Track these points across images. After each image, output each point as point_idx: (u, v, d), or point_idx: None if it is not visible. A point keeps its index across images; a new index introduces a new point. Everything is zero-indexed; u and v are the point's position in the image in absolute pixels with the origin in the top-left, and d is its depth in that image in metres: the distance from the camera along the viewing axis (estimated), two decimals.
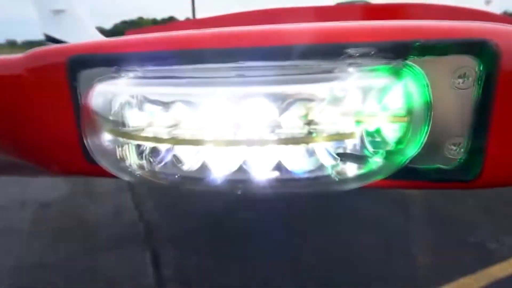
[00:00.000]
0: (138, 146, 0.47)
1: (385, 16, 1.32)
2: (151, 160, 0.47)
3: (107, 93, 0.49)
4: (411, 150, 0.44)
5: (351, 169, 0.45)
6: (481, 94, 0.43)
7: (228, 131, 0.42)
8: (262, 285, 2.60)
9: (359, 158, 0.44)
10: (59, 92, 0.55)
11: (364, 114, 0.42)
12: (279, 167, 0.44)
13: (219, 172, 0.44)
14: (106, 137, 0.50)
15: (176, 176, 0.47)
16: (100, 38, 7.52)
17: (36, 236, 3.35)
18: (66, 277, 2.73)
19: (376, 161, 0.44)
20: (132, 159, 0.49)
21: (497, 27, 0.45)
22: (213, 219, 3.64)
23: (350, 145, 0.43)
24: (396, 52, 0.43)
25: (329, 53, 0.43)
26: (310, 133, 0.41)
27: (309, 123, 0.41)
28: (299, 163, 0.44)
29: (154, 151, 0.47)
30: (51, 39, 7.53)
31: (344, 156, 0.43)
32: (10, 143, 0.64)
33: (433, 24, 0.46)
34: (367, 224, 3.43)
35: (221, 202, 3.98)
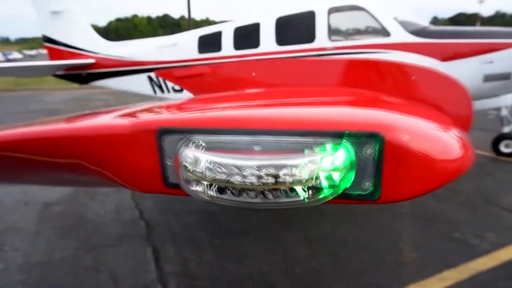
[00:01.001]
0: (209, 185, 0.83)
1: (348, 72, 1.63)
2: (215, 192, 0.84)
3: (188, 154, 0.84)
4: (345, 185, 0.81)
5: (313, 195, 0.80)
6: (377, 158, 0.77)
7: (250, 181, 0.78)
8: (259, 279, 2.77)
9: (319, 189, 0.80)
10: (151, 147, 0.90)
11: (321, 168, 0.78)
12: (275, 195, 0.81)
13: (246, 198, 0.82)
14: (185, 175, 0.85)
15: (230, 200, 0.84)
16: (99, 39, 7.62)
17: (41, 234, 3.49)
18: (72, 273, 2.87)
19: (328, 190, 0.80)
20: (203, 189, 0.85)
21: (385, 121, 0.82)
22: (210, 217, 3.81)
23: (313, 183, 0.79)
24: (335, 137, 0.79)
25: (299, 134, 0.81)
26: (293, 182, 0.78)
27: (293, 175, 0.78)
28: (286, 195, 0.80)
29: (219, 187, 0.83)
30: (49, 40, 7.62)
31: (311, 189, 0.80)
32: (114, 175, 1.01)
33: (356, 119, 0.87)
34: (357, 221, 3.62)
35: None
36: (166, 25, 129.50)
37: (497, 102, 5.35)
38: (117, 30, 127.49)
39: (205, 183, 0.83)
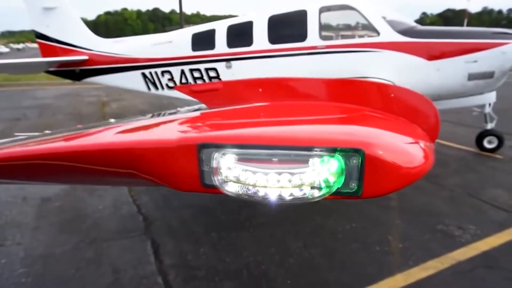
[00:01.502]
0: (240, 185, 1.15)
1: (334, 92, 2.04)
2: (246, 191, 1.16)
3: (223, 163, 1.15)
4: (338, 185, 1.12)
5: (315, 193, 1.13)
6: (360, 166, 1.07)
7: (272, 183, 1.12)
8: (254, 269, 2.92)
9: (319, 188, 1.13)
10: (192, 157, 1.17)
11: (320, 174, 1.10)
12: (289, 193, 1.15)
13: (264, 196, 1.16)
14: (222, 179, 1.16)
15: (258, 197, 1.16)
16: (92, 36, 7.63)
17: (41, 229, 3.58)
18: (74, 266, 2.98)
19: (325, 189, 1.13)
20: (235, 189, 1.17)
21: (366, 140, 1.13)
22: (206, 211, 3.94)
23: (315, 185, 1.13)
24: (330, 151, 1.09)
25: (305, 149, 1.11)
26: (301, 184, 1.12)
27: (301, 179, 1.12)
28: (296, 193, 1.14)
29: (247, 188, 1.15)
30: (41, 36, 7.61)
31: (313, 188, 1.12)
32: (159, 179, 1.28)
33: (346, 137, 1.19)
34: (348, 214, 3.79)
35: (211, 195, 4.29)
36: (156, 19, 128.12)
37: (481, 100, 5.56)
38: (106, 24, 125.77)
39: (239, 185, 1.15)
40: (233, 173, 1.14)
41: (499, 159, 5.70)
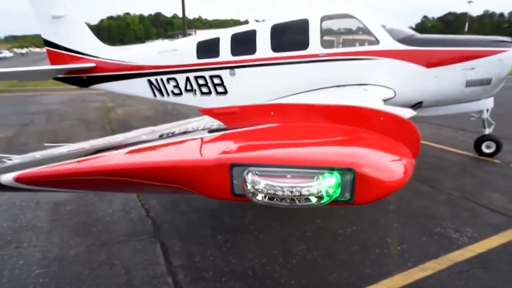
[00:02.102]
0: (264, 195, 1.50)
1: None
2: (267, 199, 1.51)
3: (251, 178, 1.52)
4: (335, 195, 1.48)
5: (319, 201, 1.49)
6: (352, 181, 1.46)
7: (287, 194, 1.48)
8: (259, 270, 3.07)
9: (321, 198, 1.48)
10: (225, 173, 1.54)
11: (323, 187, 1.47)
12: (300, 201, 1.50)
13: (283, 202, 1.52)
14: (250, 190, 1.51)
15: (276, 204, 1.51)
16: (99, 43, 7.83)
17: (55, 232, 3.74)
18: (88, 267, 3.14)
19: (326, 198, 1.48)
20: (261, 198, 1.51)
21: (357, 161, 1.50)
22: (212, 215, 4.09)
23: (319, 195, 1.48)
24: (330, 170, 1.47)
25: (312, 168, 1.50)
26: (309, 194, 1.48)
27: (309, 191, 1.47)
28: (305, 201, 1.49)
29: (269, 197, 1.50)
30: (50, 44, 7.80)
31: (317, 197, 1.47)
32: (198, 190, 1.66)
33: (342, 158, 1.55)
34: (348, 217, 3.93)
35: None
36: (159, 24, 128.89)
37: (479, 106, 5.71)
38: (109, 28, 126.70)
39: (262, 194, 1.51)
40: (256, 186, 1.50)
41: (497, 163, 5.83)
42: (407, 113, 3.34)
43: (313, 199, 1.47)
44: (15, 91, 15.34)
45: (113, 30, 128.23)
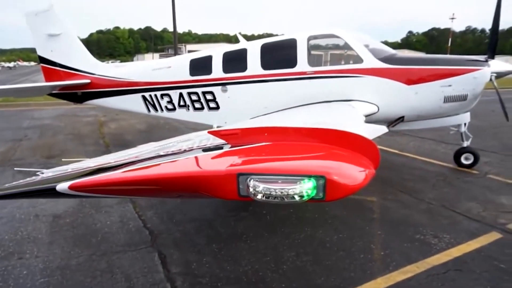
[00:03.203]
0: (263, 195, 2.12)
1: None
2: (265, 198, 2.13)
3: (252, 184, 2.13)
4: (312, 194, 2.10)
5: (300, 199, 2.11)
6: (324, 184, 2.08)
7: (279, 193, 2.10)
8: (252, 275, 3.28)
9: (302, 196, 2.09)
10: (233, 180, 2.19)
11: (303, 188, 2.09)
12: (287, 199, 2.12)
13: (275, 200, 2.15)
14: (253, 192, 2.13)
15: (270, 201, 2.14)
16: (94, 60, 8.06)
17: (56, 243, 3.89)
18: (90, 275, 3.31)
19: (306, 197, 2.11)
20: (260, 197, 2.13)
21: (328, 169, 2.19)
22: (206, 224, 4.30)
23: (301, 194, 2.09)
24: (309, 177, 2.09)
25: (297, 176, 2.14)
26: (294, 194, 2.10)
27: (294, 191, 2.09)
28: (290, 199, 2.11)
29: (266, 196, 2.12)
30: (46, 61, 8.00)
31: (300, 196, 2.10)
32: (212, 194, 2.30)
33: (317, 168, 2.26)
34: (335, 226, 4.18)
35: (211, 208, 4.67)
36: (149, 38, 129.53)
37: (457, 120, 6.10)
38: (99, 42, 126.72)
39: (261, 194, 2.09)
40: (257, 189, 2.09)
41: (475, 174, 6.18)
42: (381, 130, 3.68)
43: (297, 197, 2.05)
44: (7, 106, 15.38)
45: (103, 44, 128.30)
